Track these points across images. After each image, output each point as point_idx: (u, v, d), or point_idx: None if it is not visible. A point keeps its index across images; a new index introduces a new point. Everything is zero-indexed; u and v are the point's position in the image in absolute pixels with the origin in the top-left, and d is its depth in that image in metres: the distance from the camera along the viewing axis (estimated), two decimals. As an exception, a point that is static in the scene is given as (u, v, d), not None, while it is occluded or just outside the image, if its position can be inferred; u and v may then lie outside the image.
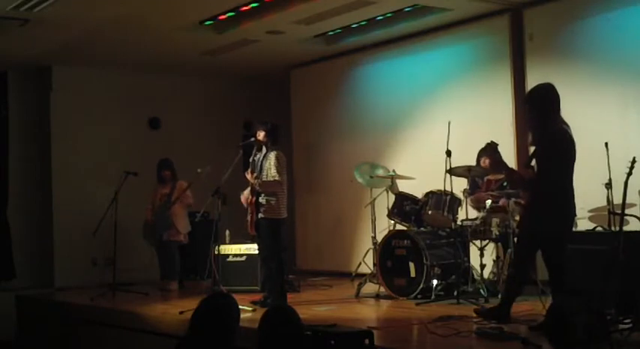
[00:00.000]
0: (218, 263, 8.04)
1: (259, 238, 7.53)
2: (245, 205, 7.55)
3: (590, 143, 6.84)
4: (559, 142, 5.57)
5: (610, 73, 7.67)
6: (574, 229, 6.04)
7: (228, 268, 8.75)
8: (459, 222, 7.74)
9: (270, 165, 7.34)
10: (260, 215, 7.35)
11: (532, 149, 5.91)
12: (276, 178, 7.31)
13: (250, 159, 7.57)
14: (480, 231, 7.59)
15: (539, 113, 5.66)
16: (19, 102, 10.71)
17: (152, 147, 10.68)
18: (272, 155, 7.39)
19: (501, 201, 7.70)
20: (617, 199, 6.44)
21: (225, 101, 11.85)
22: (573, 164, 5.64)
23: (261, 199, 7.34)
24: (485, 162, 7.91)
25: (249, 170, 7.44)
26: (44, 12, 7.94)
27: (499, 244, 7.74)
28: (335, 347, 4.81)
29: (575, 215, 5.79)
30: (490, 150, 7.79)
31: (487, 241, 7.66)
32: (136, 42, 9.46)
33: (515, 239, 6.71)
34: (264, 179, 7.33)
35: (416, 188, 8.25)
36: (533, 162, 5.71)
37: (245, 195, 7.56)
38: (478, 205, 7.98)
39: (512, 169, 6.13)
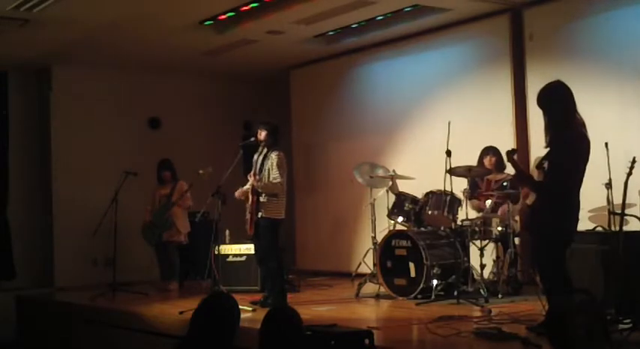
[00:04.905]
0: (218, 263, 8.04)
1: (256, 238, 7.52)
2: (238, 198, 7.54)
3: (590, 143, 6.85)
4: (574, 147, 5.30)
5: (610, 72, 7.67)
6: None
7: (228, 268, 8.75)
8: (459, 222, 7.74)
9: (271, 166, 7.34)
10: (260, 214, 7.35)
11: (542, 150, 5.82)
12: (278, 180, 7.31)
13: (253, 160, 7.57)
14: (479, 231, 7.59)
15: (551, 115, 5.37)
16: (19, 102, 10.70)
17: (152, 147, 10.68)
18: (273, 155, 7.39)
19: (500, 211, 7.71)
20: (617, 199, 6.44)
21: (225, 101, 11.85)
22: (584, 170, 5.36)
23: (262, 199, 7.34)
24: (491, 160, 7.91)
25: (252, 172, 7.43)
26: (44, 12, 7.94)
27: (499, 244, 7.75)
28: (335, 347, 4.81)
29: (578, 219, 5.43)
30: (495, 150, 7.82)
31: (487, 241, 7.67)
32: (136, 42, 9.46)
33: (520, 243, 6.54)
34: (264, 179, 7.34)
35: (416, 188, 8.25)
36: (545, 164, 5.52)
37: (241, 190, 7.55)
38: (479, 209, 8.00)
39: (521, 168, 5.94)
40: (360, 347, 4.95)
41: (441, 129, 7.59)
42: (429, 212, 7.81)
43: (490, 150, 7.94)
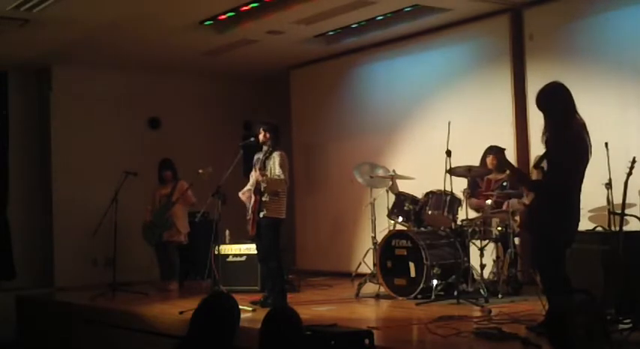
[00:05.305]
0: (218, 263, 8.04)
1: (258, 238, 7.52)
2: (245, 200, 7.55)
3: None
4: (574, 147, 5.26)
5: (610, 72, 7.67)
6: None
7: (228, 268, 8.75)
8: (459, 222, 7.74)
9: (274, 165, 7.34)
10: (262, 214, 7.34)
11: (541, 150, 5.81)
12: (282, 177, 7.32)
13: (255, 159, 7.57)
14: (479, 231, 7.60)
15: (550, 116, 5.35)
16: (19, 102, 10.70)
17: (152, 147, 10.69)
18: (276, 155, 7.40)
19: (505, 206, 7.68)
20: (617, 199, 6.44)
21: (225, 101, 11.85)
22: (584, 171, 5.33)
23: (265, 198, 7.34)
24: (493, 160, 7.92)
25: (257, 167, 7.42)
26: (44, 12, 7.94)
27: (499, 244, 7.74)
28: (335, 347, 4.81)
29: (579, 219, 5.37)
30: (497, 150, 7.81)
31: (487, 241, 7.66)
32: (136, 42, 9.46)
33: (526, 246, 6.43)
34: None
35: (416, 188, 8.25)
36: (544, 164, 5.50)
37: (245, 192, 7.56)
38: (478, 209, 8.00)
39: (517, 168, 5.97)
40: (360, 347, 4.95)
41: (441, 129, 7.59)
42: (429, 212, 7.81)
43: (493, 150, 7.95)
